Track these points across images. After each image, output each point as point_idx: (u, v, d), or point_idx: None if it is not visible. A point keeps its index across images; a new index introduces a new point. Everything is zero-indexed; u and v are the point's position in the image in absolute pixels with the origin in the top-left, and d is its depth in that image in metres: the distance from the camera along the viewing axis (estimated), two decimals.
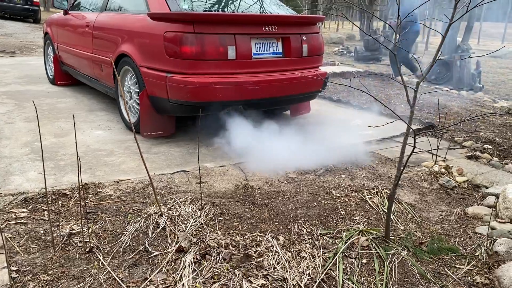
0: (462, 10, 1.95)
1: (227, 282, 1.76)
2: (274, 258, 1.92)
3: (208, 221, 2.24)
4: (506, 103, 6.00)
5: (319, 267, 1.90)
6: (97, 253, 1.94)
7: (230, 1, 3.91)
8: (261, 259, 1.92)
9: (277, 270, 1.85)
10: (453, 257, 2.05)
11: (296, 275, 1.83)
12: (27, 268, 1.82)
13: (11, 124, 3.85)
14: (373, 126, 2.16)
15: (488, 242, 2.13)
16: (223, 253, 1.92)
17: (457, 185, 2.90)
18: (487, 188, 2.83)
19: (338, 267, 1.90)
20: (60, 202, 2.41)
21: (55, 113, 4.27)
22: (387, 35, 11.53)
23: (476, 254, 2.08)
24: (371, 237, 2.11)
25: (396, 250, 2.03)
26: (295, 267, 1.89)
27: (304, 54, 3.72)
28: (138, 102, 3.58)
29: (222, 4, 3.81)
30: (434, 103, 5.63)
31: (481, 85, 7.20)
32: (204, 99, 3.19)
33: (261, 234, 2.13)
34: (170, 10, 3.28)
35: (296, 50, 3.65)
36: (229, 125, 3.43)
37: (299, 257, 1.96)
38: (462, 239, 2.24)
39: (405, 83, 2.04)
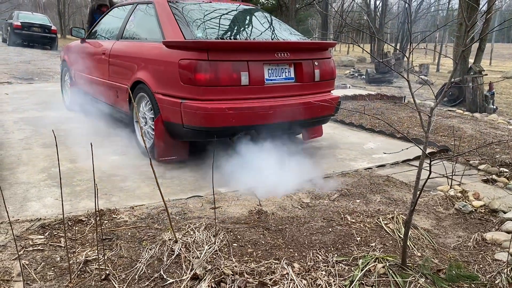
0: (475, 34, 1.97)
1: None
2: (289, 286, 1.90)
3: (222, 248, 2.24)
4: None
5: None
6: (112, 281, 1.95)
7: (243, 28, 4.00)
8: (277, 287, 1.90)
9: None
10: (473, 285, 2.00)
11: None
12: None
13: (29, 150, 3.93)
14: (389, 153, 2.16)
15: (508, 269, 2.09)
16: (238, 281, 1.91)
17: (473, 210, 2.86)
18: (505, 213, 2.78)
19: None
20: (76, 228, 2.44)
21: (71, 138, 4.34)
22: (398, 57, 11.60)
23: (496, 282, 2.03)
24: (387, 264, 2.08)
25: (413, 278, 2.00)
26: None
27: (316, 79, 3.76)
28: (153, 127, 3.63)
29: (235, 31, 3.89)
30: (448, 125, 5.60)
31: (494, 107, 7.16)
32: (218, 125, 3.23)
33: (276, 261, 2.11)
34: (185, 38, 3.37)
35: (308, 75, 3.69)
36: (242, 150, 3.45)
37: (315, 285, 1.94)
38: (481, 266, 2.19)
39: (418, 108, 2.05)
